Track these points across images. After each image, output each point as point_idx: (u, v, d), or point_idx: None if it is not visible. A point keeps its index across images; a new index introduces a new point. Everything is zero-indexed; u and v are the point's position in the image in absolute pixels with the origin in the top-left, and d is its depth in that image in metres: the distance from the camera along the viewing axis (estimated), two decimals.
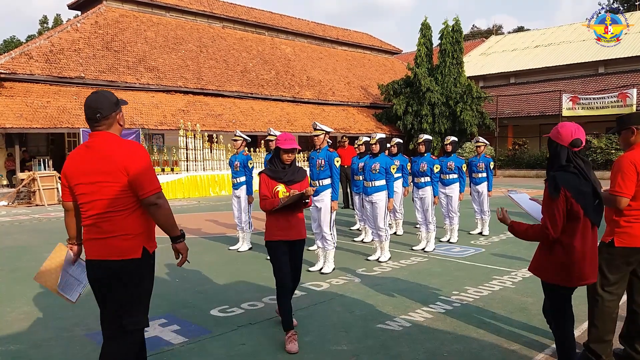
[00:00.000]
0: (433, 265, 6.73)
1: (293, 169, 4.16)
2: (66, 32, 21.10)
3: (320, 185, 6.34)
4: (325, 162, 6.32)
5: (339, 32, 35.76)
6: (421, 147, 7.71)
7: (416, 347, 3.94)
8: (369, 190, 6.88)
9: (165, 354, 3.89)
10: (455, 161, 8.32)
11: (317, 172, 6.37)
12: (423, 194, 7.69)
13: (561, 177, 2.90)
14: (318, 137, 6.40)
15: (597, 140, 23.12)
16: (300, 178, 4.19)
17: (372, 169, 6.85)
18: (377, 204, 6.80)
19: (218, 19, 28.27)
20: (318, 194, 6.32)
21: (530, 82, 30.78)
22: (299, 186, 4.13)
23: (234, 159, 8.00)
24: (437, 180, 7.69)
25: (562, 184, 2.88)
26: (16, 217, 12.56)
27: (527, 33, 40.06)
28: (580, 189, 2.90)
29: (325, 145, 6.43)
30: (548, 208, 2.93)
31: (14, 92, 17.35)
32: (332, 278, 6.08)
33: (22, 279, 6.36)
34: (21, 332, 4.44)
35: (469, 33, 54.09)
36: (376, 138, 6.92)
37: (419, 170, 7.64)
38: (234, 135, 8.05)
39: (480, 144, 9.01)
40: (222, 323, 4.57)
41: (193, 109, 21.31)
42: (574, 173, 2.92)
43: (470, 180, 9.12)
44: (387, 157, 6.98)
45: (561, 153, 2.96)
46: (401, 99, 27.33)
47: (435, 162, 7.62)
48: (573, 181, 2.90)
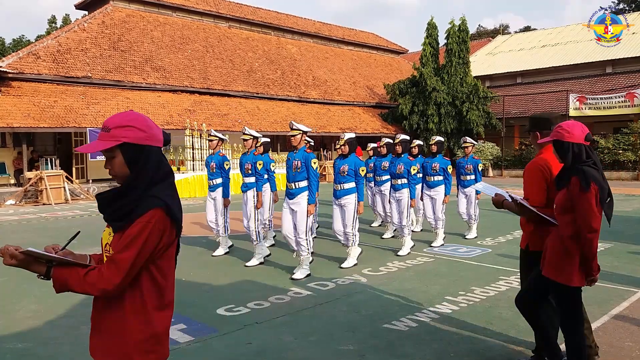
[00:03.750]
0: (439, 266, 6.71)
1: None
2: (73, 32, 21.20)
3: (296, 188, 6.06)
4: (302, 164, 6.03)
5: (345, 32, 35.74)
6: (397, 148, 7.42)
7: (423, 347, 3.93)
8: (338, 194, 6.61)
9: (171, 353, 3.87)
10: (441, 162, 8.05)
11: (293, 174, 6.08)
12: (400, 196, 7.36)
13: (589, 172, 2.92)
14: (295, 137, 6.08)
15: (604, 141, 22.99)
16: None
17: (340, 171, 6.55)
18: (346, 207, 6.54)
19: (224, 19, 28.32)
20: (294, 196, 6.06)
21: (537, 82, 30.63)
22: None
23: (210, 159, 7.57)
24: (414, 182, 7.39)
25: (591, 179, 2.90)
26: (23, 216, 12.63)
27: (533, 33, 39.87)
28: (603, 185, 2.95)
29: (302, 146, 6.15)
30: (582, 203, 2.90)
31: (21, 91, 17.45)
32: (338, 278, 6.07)
33: (29, 278, 6.34)
34: (29, 330, 4.47)
35: (475, 33, 53.91)
36: (345, 138, 6.59)
37: (395, 171, 7.40)
38: (208, 135, 7.63)
39: (468, 145, 8.59)
40: (228, 322, 4.57)
41: (199, 109, 21.37)
42: (594, 168, 2.95)
43: (458, 183, 8.76)
44: (357, 158, 6.67)
45: (581, 150, 2.97)
46: (407, 98, 27.28)
47: (412, 163, 7.32)
48: (598, 177, 2.94)
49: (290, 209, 6.12)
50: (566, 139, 3.00)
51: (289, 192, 6.14)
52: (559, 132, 3.03)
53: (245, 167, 7.21)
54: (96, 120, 17.55)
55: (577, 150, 2.97)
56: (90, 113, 17.77)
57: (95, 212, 13.32)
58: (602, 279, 5.79)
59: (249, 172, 7.18)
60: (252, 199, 7.08)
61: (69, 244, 1.98)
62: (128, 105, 19.38)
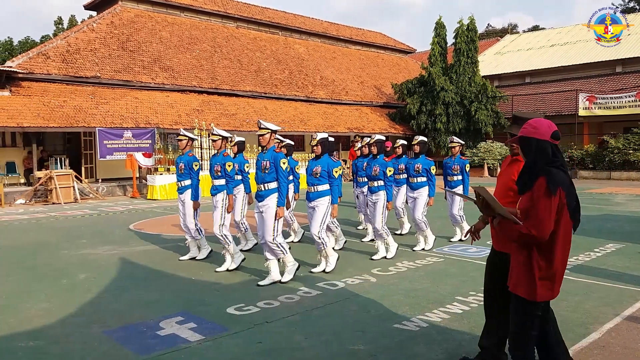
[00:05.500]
0: (449, 266, 6.67)
1: None
2: (82, 32, 21.33)
3: (265, 190, 5.78)
4: (271, 164, 5.74)
5: (353, 32, 35.70)
6: (373, 149, 7.05)
7: (434, 347, 3.91)
8: (311, 196, 6.28)
9: (182, 352, 3.91)
10: (423, 163, 7.72)
11: (262, 175, 5.79)
12: (376, 199, 6.97)
13: (558, 175, 2.65)
14: (263, 136, 5.79)
15: (614, 140, 22.79)
16: None
17: (313, 172, 6.21)
18: (318, 208, 6.21)
19: (232, 19, 28.38)
20: (263, 198, 5.78)
21: (545, 82, 30.44)
22: None
23: (179, 160, 7.19)
24: (390, 185, 6.93)
25: (559, 183, 2.63)
26: (33, 215, 12.71)
27: (542, 32, 39.64)
28: (571, 190, 2.69)
29: (272, 145, 5.87)
30: (539, 206, 2.61)
31: (31, 91, 17.57)
32: (348, 277, 6.05)
33: (39, 276, 6.43)
34: (40, 328, 4.49)
35: (483, 32, 53.71)
36: (317, 138, 6.28)
37: (371, 173, 6.99)
38: (177, 135, 7.26)
39: (455, 144, 8.21)
40: (238, 321, 4.57)
41: (207, 109, 21.42)
42: (562, 170, 2.70)
43: (445, 184, 8.43)
44: (330, 159, 6.33)
45: (546, 148, 2.70)
46: (415, 98, 27.21)
47: (388, 164, 6.87)
48: (566, 180, 2.68)
49: (260, 212, 5.83)
50: (531, 135, 2.75)
51: (257, 194, 5.86)
52: (524, 129, 2.80)
53: (214, 169, 6.77)
54: (105, 120, 17.66)
55: (543, 147, 2.71)
56: (99, 113, 17.87)
57: (104, 211, 13.38)
58: (613, 280, 5.76)
59: (218, 174, 6.74)
60: (221, 202, 6.68)
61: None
62: (137, 105, 19.47)
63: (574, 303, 4.92)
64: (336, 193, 6.29)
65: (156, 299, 5.34)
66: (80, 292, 5.65)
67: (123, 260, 7.26)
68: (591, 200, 14.24)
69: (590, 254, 7.19)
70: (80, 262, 7.20)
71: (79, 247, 8.28)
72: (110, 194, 17.89)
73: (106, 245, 8.41)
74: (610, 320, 4.42)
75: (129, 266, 6.95)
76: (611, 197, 14.88)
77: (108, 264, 7.01)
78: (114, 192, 18.11)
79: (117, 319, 4.71)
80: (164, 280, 6.17)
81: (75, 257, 7.56)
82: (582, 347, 3.86)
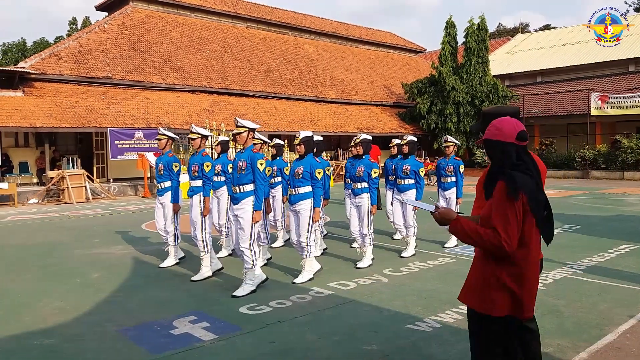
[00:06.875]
0: (461, 266, 6.64)
1: None
2: (94, 33, 21.49)
3: (240, 192, 5.43)
4: (248, 165, 5.38)
5: (362, 31, 35.65)
6: (358, 149, 6.68)
7: (447, 348, 3.90)
8: (292, 199, 5.94)
9: (195, 351, 3.92)
10: (412, 164, 7.34)
11: (238, 176, 5.43)
12: (360, 202, 6.64)
13: (520, 178, 2.41)
14: (240, 135, 5.44)
15: (627, 140, 22.55)
16: None
17: (295, 173, 5.87)
18: (301, 213, 5.87)
19: (242, 19, 28.45)
20: (238, 201, 5.43)
21: (557, 81, 30.20)
22: None
23: (158, 160, 6.95)
24: (375, 187, 6.64)
25: (521, 187, 2.39)
26: (46, 215, 12.83)
27: (554, 31, 39.33)
28: (537, 196, 2.43)
29: (249, 145, 5.51)
30: (502, 213, 2.39)
31: (44, 92, 17.74)
32: (359, 278, 6.05)
33: (53, 275, 6.49)
34: (54, 327, 4.53)
35: (494, 31, 53.34)
36: (300, 137, 5.94)
37: (355, 174, 6.64)
38: (157, 133, 7.06)
39: (449, 144, 7.97)
40: (251, 320, 4.58)
41: (217, 109, 21.50)
42: (527, 174, 2.45)
43: (439, 186, 8.17)
44: (313, 159, 6.01)
45: (509, 151, 2.48)
46: (425, 98, 27.12)
47: (373, 165, 6.58)
48: (530, 185, 2.43)
49: (234, 216, 5.50)
50: (495, 137, 2.53)
51: (233, 197, 5.53)
52: (488, 130, 2.58)
53: (192, 169, 6.36)
54: (116, 120, 17.78)
55: (506, 150, 2.48)
56: (111, 113, 18.00)
57: (116, 211, 13.48)
58: (628, 281, 5.70)
59: (195, 175, 6.34)
60: (197, 205, 6.27)
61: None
62: (148, 105, 19.58)
63: (589, 304, 4.88)
64: (319, 195, 5.91)
65: (169, 298, 5.37)
66: (94, 291, 5.69)
67: (135, 260, 7.31)
68: (604, 200, 14.11)
69: (604, 254, 7.12)
70: (93, 261, 7.26)
71: (91, 246, 8.35)
72: (121, 194, 18.00)
73: (119, 244, 8.47)
74: (626, 322, 4.37)
75: (142, 265, 6.99)
76: (624, 198, 14.73)
77: (121, 263, 7.06)
78: (125, 191, 18.23)
79: (131, 317, 4.74)
80: (177, 279, 6.20)
81: (88, 256, 7.62)
82: (597, 349, 3.83)
